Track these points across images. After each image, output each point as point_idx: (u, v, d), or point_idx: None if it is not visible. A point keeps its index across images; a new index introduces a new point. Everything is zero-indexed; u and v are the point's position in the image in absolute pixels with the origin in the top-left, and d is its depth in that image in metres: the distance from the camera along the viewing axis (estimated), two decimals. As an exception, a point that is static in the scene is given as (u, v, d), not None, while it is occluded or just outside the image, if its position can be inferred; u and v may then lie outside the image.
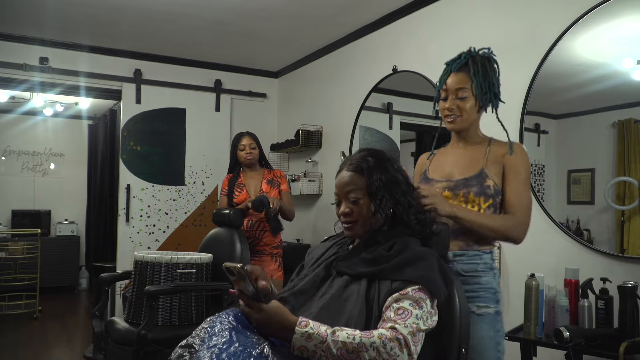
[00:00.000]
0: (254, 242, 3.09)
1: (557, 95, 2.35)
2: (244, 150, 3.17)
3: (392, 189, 1.32)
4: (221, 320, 1.14)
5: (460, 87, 1.60)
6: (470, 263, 1.57)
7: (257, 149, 3.21)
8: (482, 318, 1.54)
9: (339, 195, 1.37)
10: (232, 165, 3.29)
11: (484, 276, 1.57)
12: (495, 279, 1.59)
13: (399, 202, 1.32)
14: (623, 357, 1.59)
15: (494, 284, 1.57)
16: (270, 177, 3.21)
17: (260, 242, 3.10)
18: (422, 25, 3.10)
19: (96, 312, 2.65)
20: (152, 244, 4.30)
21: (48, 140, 6.64)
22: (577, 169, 2.21)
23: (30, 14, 3.47)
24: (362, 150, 1.40)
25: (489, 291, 1.56)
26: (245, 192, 3.16)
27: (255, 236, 3.09)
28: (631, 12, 2.04)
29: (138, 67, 4.29)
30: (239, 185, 3.19)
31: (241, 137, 3.21)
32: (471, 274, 1.57)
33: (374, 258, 1.27)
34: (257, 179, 3.21)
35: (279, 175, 3.25)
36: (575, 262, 2.09)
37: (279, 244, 3.19)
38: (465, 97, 1.59)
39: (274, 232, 3.05)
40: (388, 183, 1.31)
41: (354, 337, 1.09)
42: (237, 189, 3.18)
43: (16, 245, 5.35)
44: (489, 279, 1.57)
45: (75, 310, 5.52)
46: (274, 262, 3.13)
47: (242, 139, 3.20)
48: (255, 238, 3.09)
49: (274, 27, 3.66)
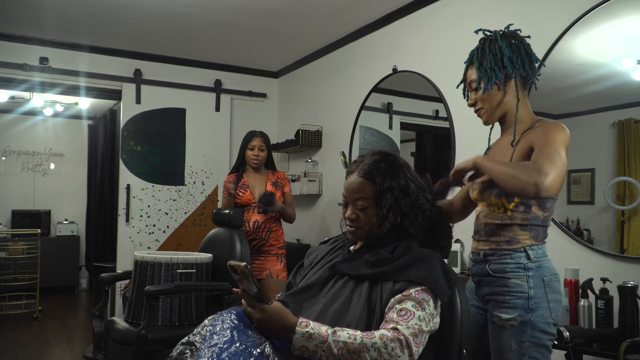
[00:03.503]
0: (260, 242, 3.09)
1: (557, 95, 2.35)
2: (253, 150, 3.15)
3: (400, 200, 1.29)
4: (223, 319, 1.14)
5: (471, 79, 1.57)
6: (500, 262, 1.47)
7: (266, 151, 3.19)
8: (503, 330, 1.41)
9: (346, 198, 1.35)
10: (238, 164, 3.25)
11: (512, 278, 1.43)
12: (530, 282, 1.41)
13: (405, 214, 1.30)
14: (623, 357, 1.59)
15: (525, 287, 1.41)
16: (274, 179, 3.20)
17: (267, 242, 3.11)
18: (422, 25, 3.10)
19: (96, 312, 2.65)
20: (152, 244, 4.30)
21: (48, 140, 6.64)
22: (577, 169, 2.21)
23: (30, 14, 3.47)
24: (375, 154, 1.35)
25: (517, 296, 1.41)
26: (250, 193, 3.14)
27: (261, 237, 3.09)
28: (631, 12, 2.04)
29: (138, 67, 4.29)
30: (243, 186, 3.17)
31: (252, 137, 3.17)
32: (500, 274, 1.46)
33: (377, 260, 1.26)
34: (261, 180, 3.20)
35: (283, 177, 3.25)
36: (575, 262, 2.09)
37: (284, 244, 3.20)
38: (477, 88, 1.54)
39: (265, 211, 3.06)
40: (397, 194, 1.28)
41: (355, 338, 1.09)
42: (240, 189, 3.16)
43: (16, 245, 5.35)
44: (519, 281, 1.42)
45: (75, 310, 5.52)
46: (279, 262, 3.13)
47: (253, 139, 3.16)
48: (262, 239, 3.10)
49: (274, 27, 3.66)
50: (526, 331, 1.39)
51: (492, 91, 1.52)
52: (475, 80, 1.54)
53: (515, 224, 1.47)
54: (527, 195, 1.33)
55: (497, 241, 1.49)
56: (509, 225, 1.48)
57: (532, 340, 1.39)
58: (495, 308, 1.46)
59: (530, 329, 1.39)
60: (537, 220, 1.47)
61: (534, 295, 1.41)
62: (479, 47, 1.55)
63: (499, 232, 1.49)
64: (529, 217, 1.46)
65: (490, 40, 1.54)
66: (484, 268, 1.50)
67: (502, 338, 1.41)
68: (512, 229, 1.47)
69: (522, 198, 1.45)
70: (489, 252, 1.50)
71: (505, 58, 1.48)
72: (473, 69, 1.55)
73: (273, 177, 3.21)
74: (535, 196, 1.31)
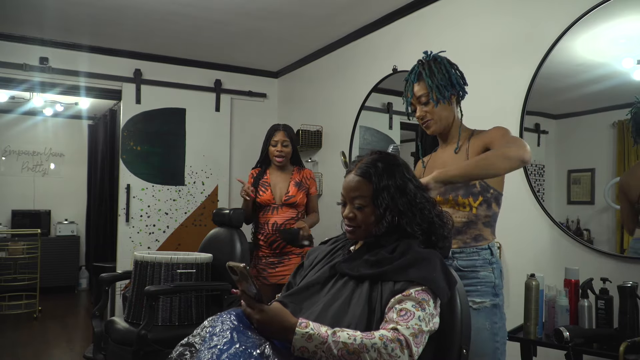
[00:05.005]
0: (282, 244, 2.83)
1: (557, 95, 2.35)
2: (275, 146, 2.89)
3: (397, 199, 1.29)
4: (223, 320, 1.14)
5: (420, 94, 1.71)
6: (469, 259, 1.64)
7: (290, 146, 2.91)
8: (479, 311, 1.60)
9: (344, 197, 1.36)
10: (262, 159, 3.00)
11: (481, 271, 1.63)
12: (495, 273, 1.64)
13: (402, 212, 1.30)
14: (623, 357, 1.59)
15: (492, 277, 1.63)
16: (299, 179, 2.94)
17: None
18: (422, 25, 3.10)
19: (96, 312, 2.65)
20: (152, 244, 4.30)
21: (48, 140, 6.64)
22: (577, 169, 2.21)
23: (30, 14, 3.47)
24: (374, 153, 1.36)
25: (486, 285, 1.62)
26: (270, 192, 2.89)
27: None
28: (631, 12, 2.04)
29: (138, 67, 4.29)
30: (264, 184, 2.92)
31: (275, 131, 2.90)
32: (470, 269, 1.63)
33: (377, 260, 1.26)
34: (284, 179, 2.94)
35: (309, 177, 2.98)
36: (575, 262, 2.09)
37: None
38: (427, 101, 1.69)
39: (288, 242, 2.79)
40: (394, 193, 1.29)
41: (355, 338, 1.09)
42: (261, 187, 2.91)
43: (16, 245, 5.35)
44: (487, 273, 1.63)
45: (75, 310, 5.52)
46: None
47: (276, 134, 2.89)
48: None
49: (273, 27, 3.66)
50: (496, 313, 1.62)
51: (441, 105, 1.69)
52: (424, 94, 1.69)
53: (479, 221, 1.64)
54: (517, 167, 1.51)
55: (464, 239, 1.64)
56: (474, 223, 1.64)
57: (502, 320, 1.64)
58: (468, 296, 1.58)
59: (498, 310, 1.63)
60: (495, 216, 1.68)
61: (498, 284, 1.64)
62: (425, 67, 1.70)
63: (465, 230, 1.64)
64: (490, 213, 1.65)
65: (435, 60, 1.70)
66: (452, 264, 1.64)
67: (478, 320, 1.58)
68: (477, 227, 1.64)
69: (484, 196, 1.62)
70: (457, 250, 1.64)
71: (452, 76, 1.68)
72: (421, 85, 1.70)
73: (298, 176, 2.94)
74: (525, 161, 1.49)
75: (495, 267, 1.65)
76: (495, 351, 1.60)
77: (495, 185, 1.65)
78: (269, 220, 2.87)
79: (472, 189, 1.63)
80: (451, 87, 1.67)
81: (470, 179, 1.55)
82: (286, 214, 2.88)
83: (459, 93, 1.71)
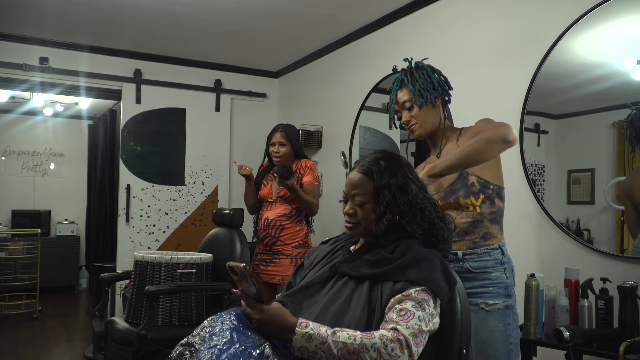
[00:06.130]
0: (271, 241, 2.85)
1: (557, 95, 2.35)
2: (273, 146, 2.96)
3: (398, 198, 1.29)
4: (222, 320, 1.14)
5: (404, 100, 1.74)
6: (480, 260, 1.62)
7: (288, 145, 2.95)
8: (491, 313, 1.59)
9: (346, 194, 1.37)
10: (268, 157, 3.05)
11: (493, 272, 1.61)
12: (507, 273, 1.63)
13: (403, 211, 1.30)
14: (623, 357, 1.59)
15: (504, 278, 1.62)
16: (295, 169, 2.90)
17: (278, 240, 2.85)
18: (422, 25, 3.10)
19: (96, 312, 2.65)
20: (152, 244, 4.30)
21: (48, 140, 6.64)
22: (577, 169, 2.21)
23: (30, 14, 3.47)
24: (378, 152, 1.38)
25: (498, 286, 1.61)
26: (269, 187, 2.96)
27: (272, 235, 2.85)
28: (631, 12, 2.04)
29: (138, 67, 4.29)
30: (267, 179, 3.01)
31: (273, 133, 2.99)
32: (481, 270, 1.62)
33: (378, 260, 1.26)
34: None
35: (303, 166, 2.95)
36: (575, 262, 2.09)
37: (300, 243, 2.88)
38: (411, 106, 1.73)
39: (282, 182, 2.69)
40: (395, 191, 1.29)
41: (355, 338, 1.09)
42: (263, 182, 3.01)
43: (16, 245, 5.36)
44: (499, 274, 1.62)
45: (75, 310, 5.52)
46: (294, 265, 2.66)
47: (274, 135, 2.97)
48: (272, 237, 2.85)
49: (274, 27, 3.66)
50: (509, 314, 1.61)
51: (425, 108, 1.71)
52: (408, 99, 1.73)
53: (485, 219, 1.64)
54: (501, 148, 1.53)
55: (472, 239, 1.63)
56: (480, 222, 1.63)
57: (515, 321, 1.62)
58: (480, 298, 1.61)
59: (511, 311, 1.62)
60: (501, 211, 1.67)
61: (510, 284, 1.63)
62: (407, 74, 1.74)
63: (472, 230, 1.63)
64: (495, 209, 1.65)
65: (417, 67, 1.74)
66: (463, 266, 1.63)
67: (490, 321, 1.58)
68: (483, 225, 1.63)
69: (485, 193, 1.62)
70: (467, 252, 1.63)
71: (434, 80, 1.71)
72: (404, 91, 1.74)
73: (295, 168, 2.92)
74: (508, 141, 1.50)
75: (507, 267, 1.64)
76: (509, 353, 1.59)
77: (494, 180, 1.65)
78: (262, 216, 2.95)
79: (471, 188, 1.63)
80: (433, 90, 1.70)
81: (461, 168, 1.56)
82: (279, 209, 2.89)
83: (443, 97, 1.74)
